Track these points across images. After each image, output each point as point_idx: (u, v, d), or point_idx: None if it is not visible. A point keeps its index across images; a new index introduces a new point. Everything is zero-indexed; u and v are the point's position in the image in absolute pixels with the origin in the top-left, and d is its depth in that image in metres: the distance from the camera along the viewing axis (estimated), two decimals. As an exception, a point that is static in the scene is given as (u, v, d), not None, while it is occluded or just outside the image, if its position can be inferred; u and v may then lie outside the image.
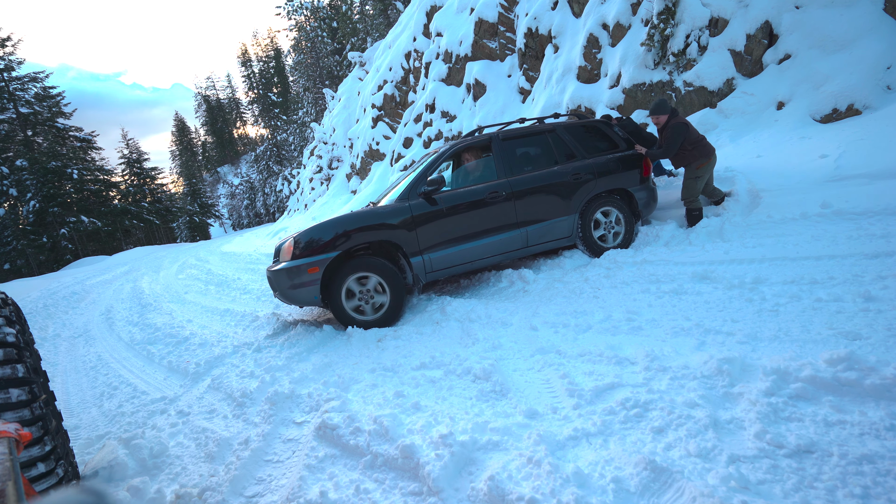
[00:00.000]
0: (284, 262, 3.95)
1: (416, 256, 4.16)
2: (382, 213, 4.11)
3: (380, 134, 17.41)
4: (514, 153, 4.71)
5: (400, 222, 4.10)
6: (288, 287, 3.88)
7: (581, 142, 4.94)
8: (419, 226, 4.16)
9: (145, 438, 2.65)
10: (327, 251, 3.89)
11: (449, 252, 4.26)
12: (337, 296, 3.90)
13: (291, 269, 3.86)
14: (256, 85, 66.36)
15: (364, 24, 33.77)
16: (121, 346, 5.32)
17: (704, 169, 4.74)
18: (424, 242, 4.17)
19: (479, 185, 4.46)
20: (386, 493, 1.82)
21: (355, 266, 3.92)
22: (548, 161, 4.78)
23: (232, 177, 69.77)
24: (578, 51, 8.74)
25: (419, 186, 4.27)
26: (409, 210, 4.15)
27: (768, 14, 6.29)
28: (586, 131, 5.06)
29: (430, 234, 4.19)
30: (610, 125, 5.20)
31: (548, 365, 2.57)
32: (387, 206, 4.19)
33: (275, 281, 4.00)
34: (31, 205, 30.29)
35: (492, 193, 4.39)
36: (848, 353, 1.89)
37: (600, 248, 4.71)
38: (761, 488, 1.47)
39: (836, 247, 3.40)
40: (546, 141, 4.86)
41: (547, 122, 5.13)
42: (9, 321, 2.12)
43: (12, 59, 32.16)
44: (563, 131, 4.92)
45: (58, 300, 10.26)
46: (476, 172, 4.77)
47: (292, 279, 3.85)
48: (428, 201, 4.23)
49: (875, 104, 5.24)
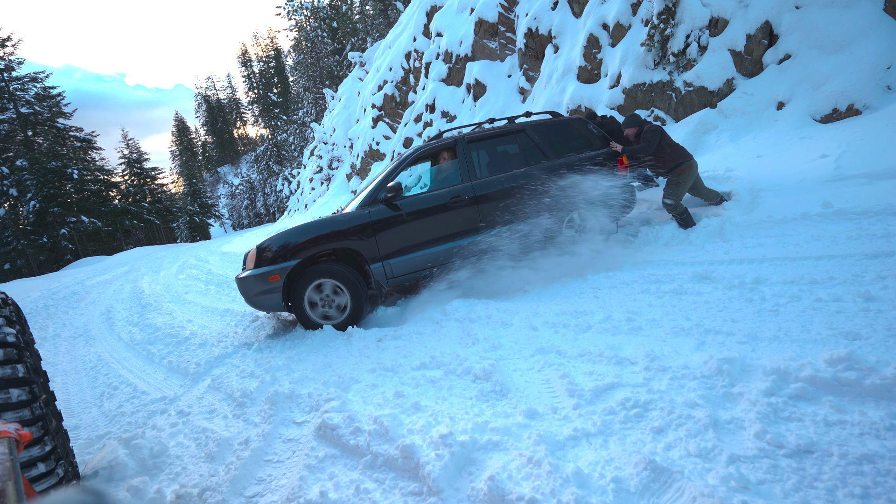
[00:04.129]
0: (249, 270, 4.03)
1: (377, 263, 4.14)
2: (342, 221, 4.11)
3: (380, 134, 17.42)
4: (479, 156, 4.59)
5: (358, 229, 4.09)
6: (253, 294, 3.97)
7: (552, 141, 4.76)
8: (378, 232, 4.13)
9: (145, 438, 2.65)
10: (287, 259, 3.94)
11: (409, 258, 4.21)
12: (300, 302, 3.98)
13: (255, 276, 3.94)
14: (256, 85, 66.40)
15: (364, 24, 33.80)
16: (121, 346, 5.32)
17: (686, 175, 4.63)
18: (384, 249, 4.15)
19: (442, 189, 4.37)
20: (386, 493, 1.82)
21: (313, 274, 3.97)
22: (516, 163, 4.62)
23: (232, 177, 69.81)
24: (578, 51, 8.74)
25: (380, 192, 4.23)
26: (369, 216, 4.14)
27: (768, 14, 6.30)
28: (558, 130, 4.87)
29: (390, 241, 4.16)
30: (584, 122, 5.00)
31: (548, 365, 2.57)
32: (347, 214, 4.18)
33: (242, 288, 4.07)
34: (31, 205, 30.30)
35: (454, 198, 4.29)
36: (848, 353, 1.89)
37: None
38: (761, 488, 1.47)
39: (837, 247, 3.39)
40: (514, 142, 4.70)
41: (517, 122, 4.91)
42: (9, 321, 2.12)
43: (12, 60, 32.18)
44: (533, 131, 4.73)
45: (58, 300, 10.26)
46: (441, 176, 4.66)
47: (256, 287, 3.93)
48: (389, 207, 4.18)
49: (875, 104, 5.24)
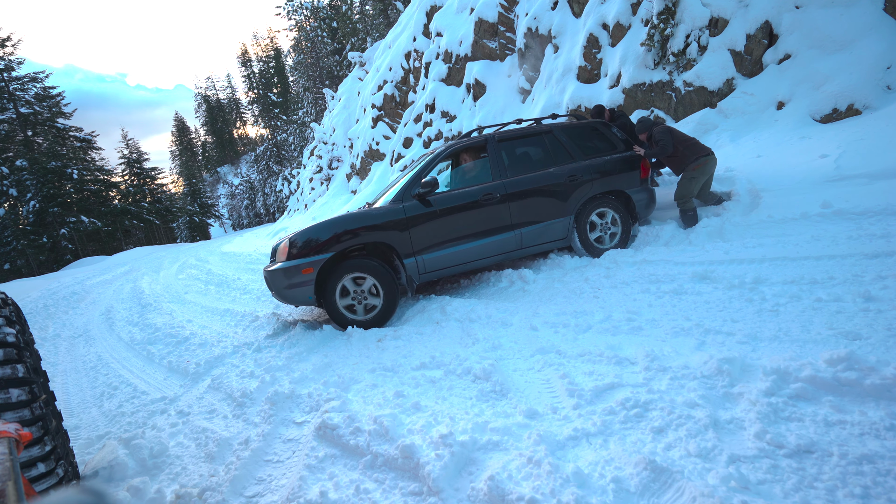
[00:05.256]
0: (280, 263, 4.00)
1: (410, 258, 4.18)
2: (376, 215, 4.13)
3: (380, 134, 17.40)
4: (509, 154, 4.70)
5: (393, 223, 4.12)
6: (284, 287, 3.93)
7: (578, 143, 4.90)
8: (412, 227, 4.17)
9: (145, 438, 2.65)
10: (322, 252, 3.93)
11: (442, 254, 4.27)
12: (331, 296, 3.95)
13: (287, 269, 3.91)
14: (256, 85, 66.35)
15: (364, 24, 33.78)
16: (121, 346, 5.32)
17: (701, 170, 4.72)
18: (418, 244, 4.19)
19: (474, 186, 4.46)
20: (386, 493, 1.82)
21: (351, 266, 3.96)
22: (544, 162, 4.75)
23: (232, 177, 69.78)
24: (578, 51, 8.74)
25: (413, 188, 4.29)
26: (403, 211, 4.17)
27: (768, 14, 6.29)
28: (583, 132, 5.02)
29: (424, 236, 4.20)
30: (608, 125, 5.15)
31: (548, 365, 2.57)
32: (381, 208, 4.21)
33: (271, 281, 4.04)
34: (31, 205, 30.29)
35: (486, 195, 4.39)
36: (848, 353, 1.88)
37: (598, 251, 4.70)
38: (761, 488, 1.47)
39: (837, 247, 3.39)
40: (542, 142, 4.84)
41: (544, 123, 5.10)
42: (9, 321, 2.12)
43: (12, 60, 32.18)
44: (560, 132, 4.89)
45: (58, 300, 10.26)
46: (472, 173, 4.76)
47: (288, 279, 3.91)
48: (422, 203, 4.24)
49: (875, 104, 5.24)
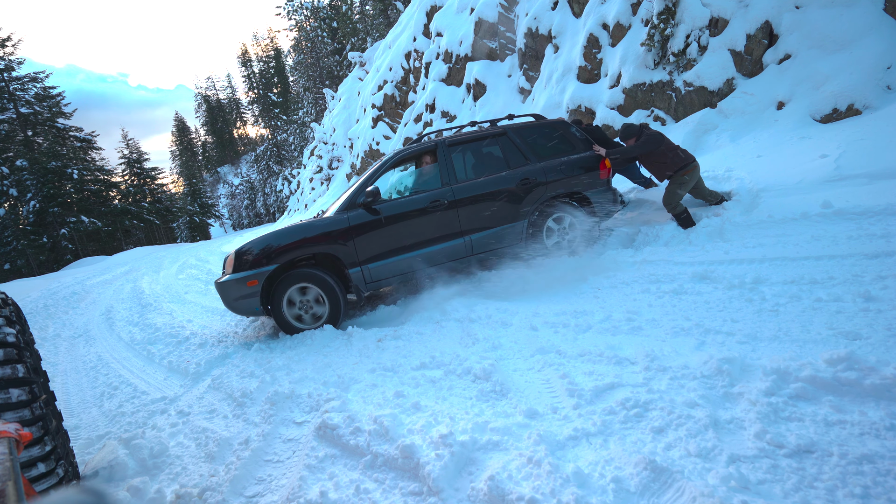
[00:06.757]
0: (227, 275, 4.04)
1: (355, 267, 4.15)
2: (320, 225, 4.11)
3: (380, 134, 17.42)
4: (459, 159, 4.58)
5: (337, 233, 4.10)
6: (232, 299, 3.98)
7: (533, 145, 4.72)
8: (356, 237, 4.13)
9: (145, 438, 2.65)
10: (266, 265, 3.95)
11: (388, 262, 4.22)
12: (278, 306, 4.00)
13: (232, 281, 3.95)
14: (256, 85, 66.39)
15: (364, 24, 33.80)
16: (121, 346, 5.32)
17: (691, 175, 4.65)
18: (363, 253, 4.16)
19: (423, 192, 4.37)
20: (386, 493, 1.82)
21: (296, 277, 4.00)
22: (497, 166, 4.59)
23: (232, 177, 69.78)
24: (578, 51, 8.74)
25: (359, 197, 4.23)
26: (347, 221, 4.14)
27: (768, 14, 6.30)
28: (540, 133, 4.82)
29: (368, 246, 4.16)
30: (567, 125, 4.95)
31: (548, 365, 2.57)
32: (326, 218, 4.19)
33: (221, 293, 4.06)
34: (31, 205, 30.30)
35: (433, 202, 4.29)
36: (848, 353, 1.89)
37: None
38: (761, 488, 1.47)
39: (837, 247, 3.39)
40: (496, 145, 4.68)
41: (499, 126, 4.86)
42: (9, 321, 2.12)
43: (12, 60, 32.17)
44: (515, 134, 4.70)
45: (58, 300, 10.26)
46: (422, 179, 4.65)
47: (234, 292, 3.94)
48: (368, 211, 4.18)
49: (875, 104, 5.24)
